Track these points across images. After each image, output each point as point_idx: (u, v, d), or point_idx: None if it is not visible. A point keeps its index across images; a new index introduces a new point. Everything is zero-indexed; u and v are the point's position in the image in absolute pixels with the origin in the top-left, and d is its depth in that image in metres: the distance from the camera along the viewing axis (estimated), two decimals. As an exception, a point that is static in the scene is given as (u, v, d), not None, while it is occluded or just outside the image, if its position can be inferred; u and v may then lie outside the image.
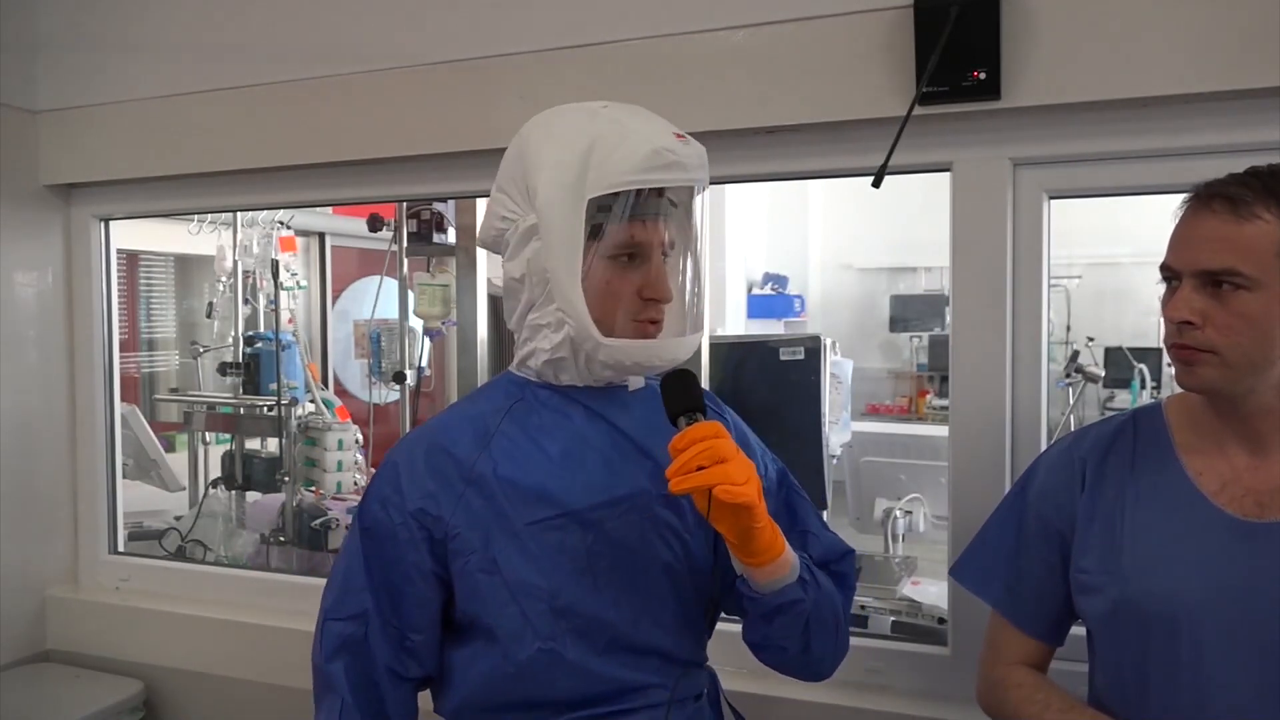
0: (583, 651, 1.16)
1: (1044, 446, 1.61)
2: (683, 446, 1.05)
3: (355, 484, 3.14)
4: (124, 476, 2.56)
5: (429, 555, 1.19)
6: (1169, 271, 1.15)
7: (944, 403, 5.94)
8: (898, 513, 2.70)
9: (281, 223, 3.57)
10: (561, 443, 1.20)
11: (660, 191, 1.16)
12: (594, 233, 1.14)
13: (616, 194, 1.12)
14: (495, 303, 2.69)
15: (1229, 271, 1.08)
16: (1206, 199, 1.12)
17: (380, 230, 3.17)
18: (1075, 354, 4.47)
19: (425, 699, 1.28)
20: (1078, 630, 1.30)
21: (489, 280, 2.73)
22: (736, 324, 5.96)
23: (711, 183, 2.12)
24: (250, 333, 3.54)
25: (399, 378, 3.21)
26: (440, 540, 1.18)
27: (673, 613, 1.20)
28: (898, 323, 6.84)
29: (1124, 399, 5.19)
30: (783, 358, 2.75)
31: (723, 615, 1.32)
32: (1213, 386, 1.13)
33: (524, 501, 1.16)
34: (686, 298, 1.24)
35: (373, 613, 1.19)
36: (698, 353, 2.50)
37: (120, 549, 2.48)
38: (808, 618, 1.15)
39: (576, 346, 1.16)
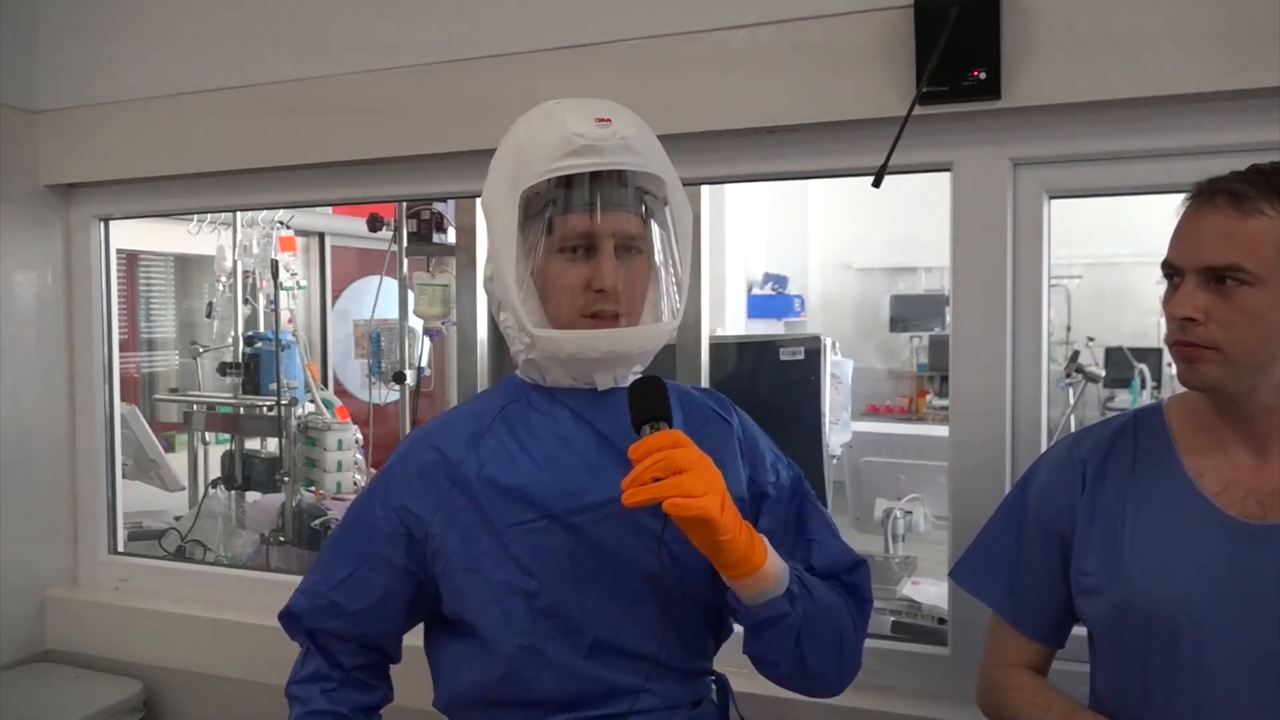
0: (565, 651, 1.16)
1: (1044, 447, 1.61)
2: (638, 457, 1.03)
3: (355, 484, 3.14)
4: (124, 476, 2.56)
5: (405, 552, 1.21)
6: (1171, 268, 1.14)
7: (944, 403, 5.94)
8: (898, 513, 2.70)
9: (281, 223, 3.57)
10: (547, 446, 1.20)
11: (623, 182, 1.14)
12: (547, 227, 1.14)
13: (562, 186, 1.13)
14: (495, 303, 2.68)
15: (1233, 267, 1.08)
16: (1209, 195, 1.11)
17: (380, 230, 3.17)
18: (1075, 354, 4.47)
19: (422, 697, 1.28)
20: (1079, 631, 1.30)
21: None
22: (736, 324, 5.96)
23: (712, 182, 2.11)
24: (250, 333, 3.54)
25: (399, 378, 3.21)
26: (420, 540, 1.20)
27: (660, 619, 1.18)
28: (898, 323, 6.84)
29: (1124, 399, 5.19)
30: (783, 358, 2.76)
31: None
32: (1215, 384, 1.13)
33: (506, 502, 1.17)
34: (664, 290, 1.21)
35: (326, 594, 1.25)
36: (698, 353, 2.51)
37: (120, 549, 2.48)
38: (798, 633, 1.12)
39: (530, 344, 1.17)
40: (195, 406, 3.53)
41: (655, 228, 1.19)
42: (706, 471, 1.04)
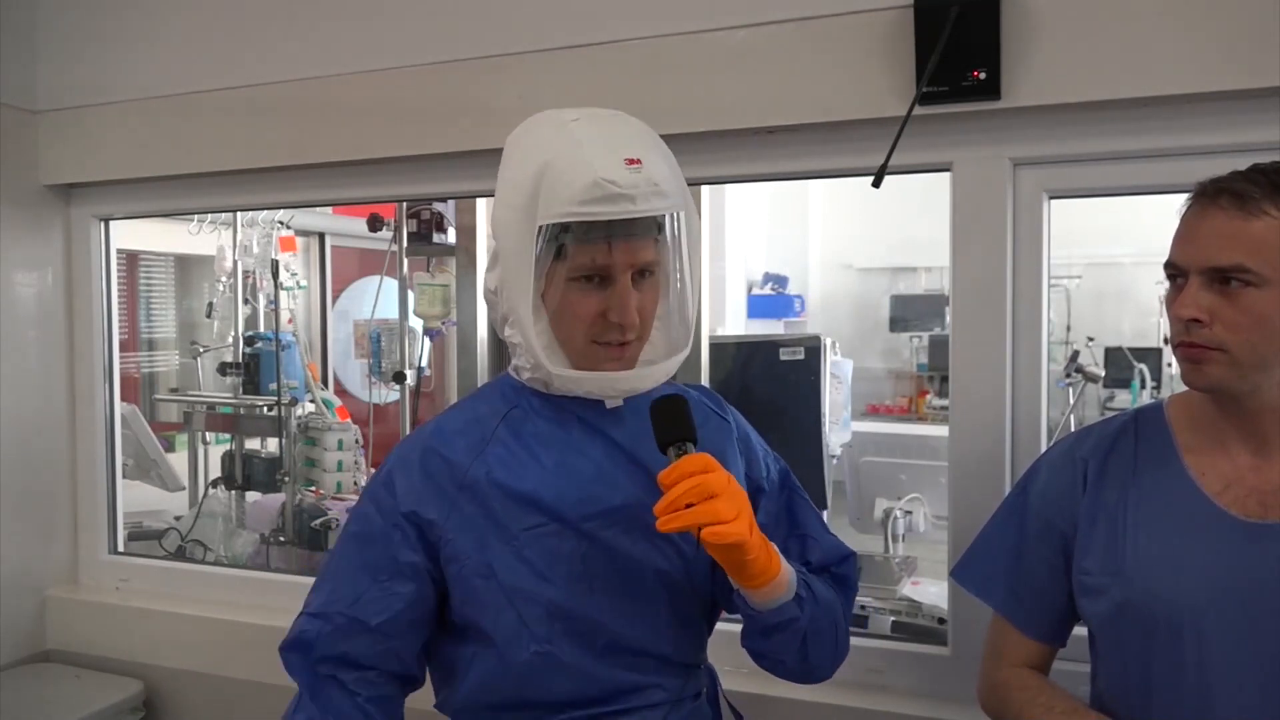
0: (579, 654, 1.16)
1: (1044, 447, 1.61)
2: (671, 482, 1.03)
3: (355, 484, 3.14)
4: (124, 476, 2.56)
5: (424, 554, 1.18)
6: (1174, 269, 1.14)
7: (944, 403, 5.94)
8: (898, 513, 2.70)
9: (281, 223, 3.57)
10: (556, 452, 1.19)
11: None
12: (559, 253, 1.11)
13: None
14: (495, 303, 2.68)
15: (1238, 268, 1.08)
16: (1213, 195, 1.11)
17: (380, 230, 3.17)
18: (1075, 354, 4.47)
19: (421, 698, 1.28)
20: (1080, 630, 1.30)
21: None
22: (736, 324, 5.95)
23: (712, 183, 2.11)
24: (250, 333, 3.54)
25: (399, 378, 3.21)
26: (433, 543, 1.18)
27: (670, 617, 1.20)
28: (898, 323, 6.84)
29: (1124, 399, 5.19)
30: (783, 358, 2.76)
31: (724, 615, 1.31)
32: (1220, 385, 1.13)
33: (518, 508, 1.16)
34: (671, 321, 1.20)
35: (344, 614, 1.18)
36: (698, 354, 2.51)
37: (120, 549, 2.48)
38: (804, 633, 1.14)
39: (540, 370, 1.16)
40: (195, 406, 3.53)
41: (669, 251, 1.17)
42: (735, 494, 1.05)
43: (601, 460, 1.20)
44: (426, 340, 3.42)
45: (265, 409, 3.24)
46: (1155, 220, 1.40)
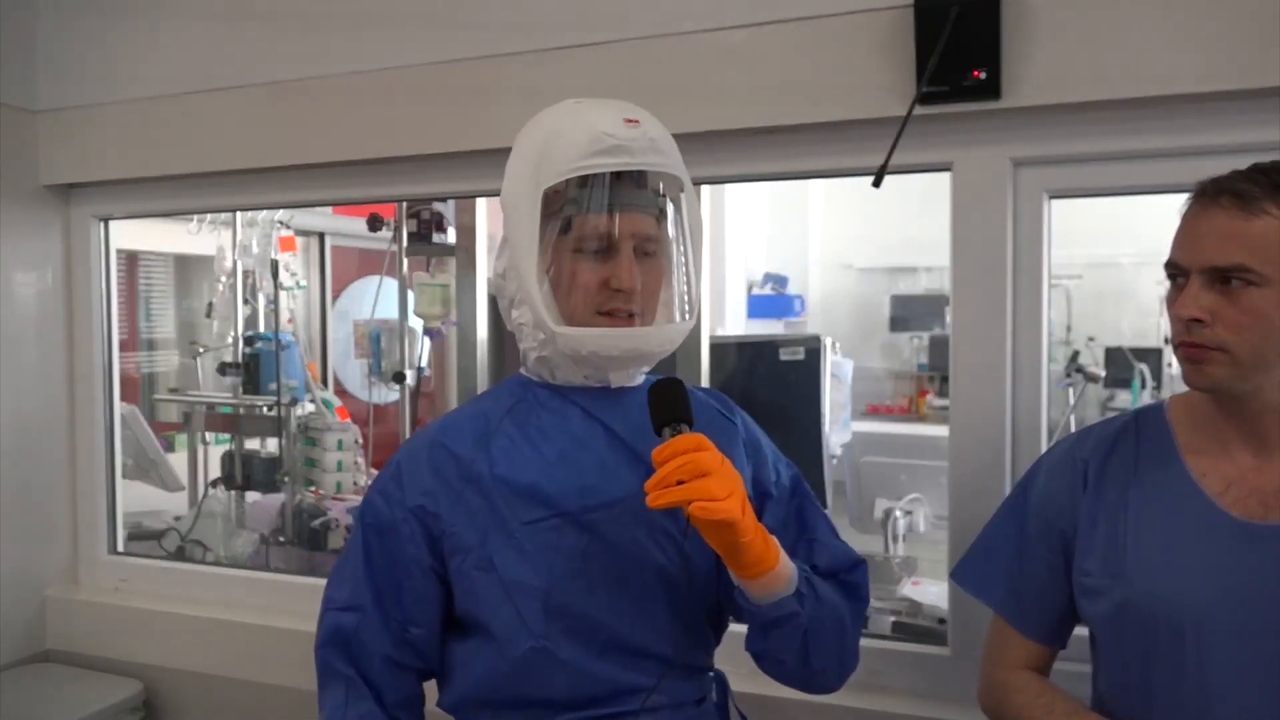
0: (577, 651, 1.16)
1: (1044, 447, 1.61)
2: (662, 460, 1.04)
3: (355, 484, 3.14)
4: (124, 476, 2.56)
5: (428, 551, 1.20)
6: (1175, 269, 1.14)
7: (944, 403, 5.93)
8: (898, 513, 2.69)
9: (281, 223, 3.57)
10: (558, 444, 1.20)
11: (642, 183, 1.15)
12: (564, 227, 1.14)
13: (583, 186, 1.13)
14: (495, 303, 2.68)
15: (1239, 268, 1.08)
16: (1214, 195, 1.11)
17: (380, 230, 3.17)
18: (1076, 354, 4.47)
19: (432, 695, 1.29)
20: (1080, 631, 1.30)
21: (489, 280, 2.73)
22: (736, 324, 5.95)
23: (712, 182, 2.12)
24: (250, 333, 3.54)
25: (399, 378, 3.21)
26: (437, 538, 1.20)
27: (670, 616, 1.20)
28: (898, 323, 6.84)
29: (1124, 399, 5.18)
30: (783, 358, 2.76)
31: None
32: (1221, 385, 1.13)
33: (519, 501, 1.17)
34: (675, 291, 1.21)
35: (371, 605, 1.21)
36: (698, 353, 2.51)
37: (120, 549, 2.48)
38: (805, 631, 1.14)
39: (547, 340, 1.17)
40: (195, 406, 3.52)
41: (670, 229, 1.19)
42: (728, 475, 1.05)
43: (603, 452, 1.20)
44: (426, 340, 3.42)
45: (265, 409, 3.24)
46: (1155, 220, 1.40)
